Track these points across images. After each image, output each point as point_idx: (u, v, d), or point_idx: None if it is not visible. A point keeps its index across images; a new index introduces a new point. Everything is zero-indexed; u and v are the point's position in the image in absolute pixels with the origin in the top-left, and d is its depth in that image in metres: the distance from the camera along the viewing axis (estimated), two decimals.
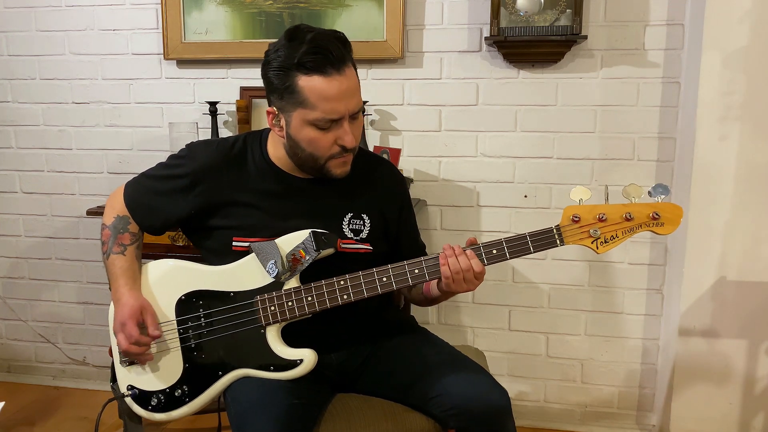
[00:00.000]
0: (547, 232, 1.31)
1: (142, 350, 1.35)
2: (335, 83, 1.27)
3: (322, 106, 1.27)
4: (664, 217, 1.29)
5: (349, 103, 1.30)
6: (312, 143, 1.32)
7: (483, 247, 1.31)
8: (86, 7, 2.42)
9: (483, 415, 1.29)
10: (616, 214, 1.30)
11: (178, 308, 1.38)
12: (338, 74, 1.27)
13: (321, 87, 1.26)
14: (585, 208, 1.31)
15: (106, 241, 1.44)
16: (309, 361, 1.31)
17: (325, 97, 1.27)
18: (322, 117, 1.28)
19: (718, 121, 1.97)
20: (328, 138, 1.31)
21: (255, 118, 2.30)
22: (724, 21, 1.92)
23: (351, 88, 1.30)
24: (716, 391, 2.11)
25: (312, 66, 1.26)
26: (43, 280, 2.67)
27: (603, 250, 1.31)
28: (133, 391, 1.40)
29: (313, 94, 1.27)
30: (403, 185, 1.59)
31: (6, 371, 2.78)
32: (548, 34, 2.08)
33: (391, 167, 1.59)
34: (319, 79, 1.26)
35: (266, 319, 1.34)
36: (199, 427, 2.32)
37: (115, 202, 1.48)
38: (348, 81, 1.29)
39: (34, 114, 2.55)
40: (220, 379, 1.35)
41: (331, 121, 1.29)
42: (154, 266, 1.43)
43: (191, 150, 1.45)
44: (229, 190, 1.40)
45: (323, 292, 1.33)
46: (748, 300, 2.04)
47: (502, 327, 2.37)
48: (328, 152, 1.33)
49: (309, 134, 1.31)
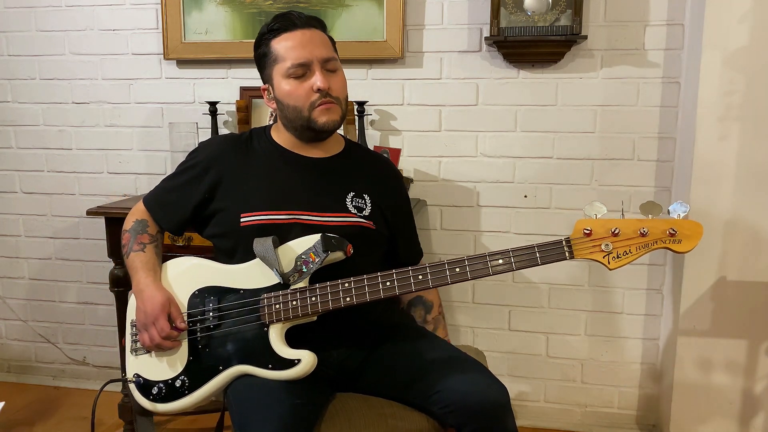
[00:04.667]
0: (555, 244, 1.28)
1: (174, 344, 1.39)
2: (298, 34, 1.42)
3: (290, 55, 1.41)
4: (682, 233, 1.23)
5: (315, 50, 1.41)
6: (291, 94, 1.42)
7: (489, 257, 1.30)
8: (86, 7, 2.42)
9: (482, 411, 1.29)
10: (630, 229, 1.25)
11: (190, 302, 1.42)
12: (301, 30, 1.42)
13: (286, 39, 1.42)
14: (598, 221, 1.26)
15: (127, 243, 1.51)
16: (307, 362, 1.31)
17: (290, 46, 1.41)
18: (292, 63, 1.40)
19: (718, 120, 1.97)
20: (304, 86, 1.41)
21: (255, 118, 2.30)
22: (724, 21, 1.92)
23: (315, 39, 1.43)
24: (716, 391, 2.11)
25: (278, 27, 1.43)
26: (43, 280, 2.67)
27: (615, 266, 1.25)
28: (138, 379, 1.42)
29: (281, 47, 1.42)
30: (400, 181, 1.66)
31: (6, 371, 2.78)
32: (548, 34, 2.08)
33: (390, 164, 1.68)
34: (286, 34, 1.43)
35: (269, 317, 1.35)
36: (199, 427, 2.32)
37: (136, 210, 1.57)
38: (312, 33, 1.43)
39: (34, 114, 2.55)
40: (219, 374, 1.36)
41: (301, 67, 1.40)
42: (175, 263, 1.48)
43: (201, 144, 1.58)
44: (238, 170, 1.47)
45: (327, 293, 1.34)
46: (748, 300, 2.04)
47: (502, 327, 2.37)
48: (308, 100, 1.41)
49: (287, 87, 1.42)
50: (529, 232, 2.28)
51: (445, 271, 1.32)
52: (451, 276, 1.32)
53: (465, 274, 1.31)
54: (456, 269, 1.31)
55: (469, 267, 1.31)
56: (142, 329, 1.41)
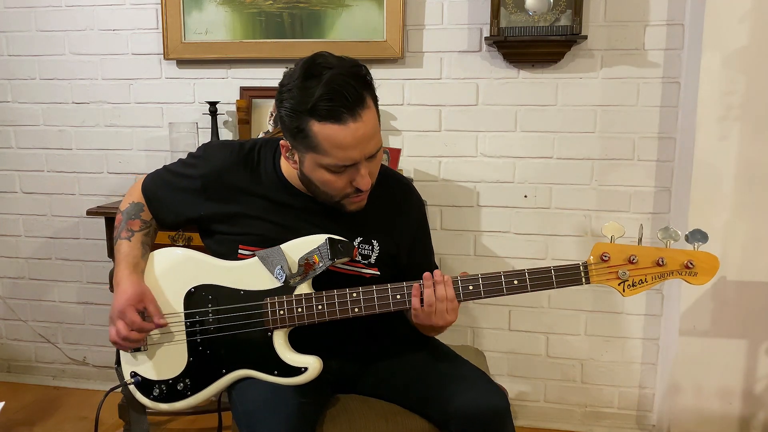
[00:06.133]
0: (573, 269, 1.28)
1: (141, 336, 1.34)
2: (350, 131, 1.20)
3: (336, 154, 1.22)
4: (699, 266, 1.24)
5: (365, 148, 1.24)
6: (326, 184, 1.29)
7: (504, 276, 1.29)
8: (86, 7, 2.42)
9: (482, 419, 1.28)
10: (648, 258, 1.25)
11: (186, 300, 1.37)
12: (354, 121, 1.20)
13: (335, 135, 1.20)
14: (616, 247, 1.26)
15: (118, 225, 1.45)
16: (314, 369, 1.30)
17: (339, 145, 1.21)
18: (336, 163, 1.24)
19: (718, 121, 1.97)
20: (343, 180, 1.27)
21: (255, 119, 2.30)
22: (724, 21, 1.92)
23: (367, 134, 1.22)
24: (716, 391, 2.11)
25: (326, 114, 1.19)
26: (43, 280, 2.67)
27: (629, 294, 1.25)
28: (136, 378, 1.39)
29: (327, 141, 1.21)
30: (419, 210, 1.51)
31: (6, 371, 2.78)
32: (548, 34, 2.08)
33: (411, 191, 1.51)
34: (334, 127, 1.20)
35: (274, 322, 1.32)
36: (199, 427, 2.32)
37: (134, 190, 1.48)
38: (365, 127, 1.21)
39: (34, 114, 2.55)
40: (223, 377, 1.35)
41: (345, 167, 1.25)
42: (162, 254, 1.42)
43: (206, 151, 1.44)
44: (239, 197, 1.38)
45: (334, 303, 1.31)
46: (748, 300, 2.04)
47: (502, 327, 2.37)
48: (342, 192, 1.30)
49: (322, 176, 1.27)
50: (529, 232, 2.28)
51: (459, 288, 1.31)
52: (464, 294, 1.31)
53: (478, 292, 1.30)
54: (470, 287, 1.31)
55: (483, 286, 1.30)
56: (110, 323, 1.35)
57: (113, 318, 1.34)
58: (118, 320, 1.33)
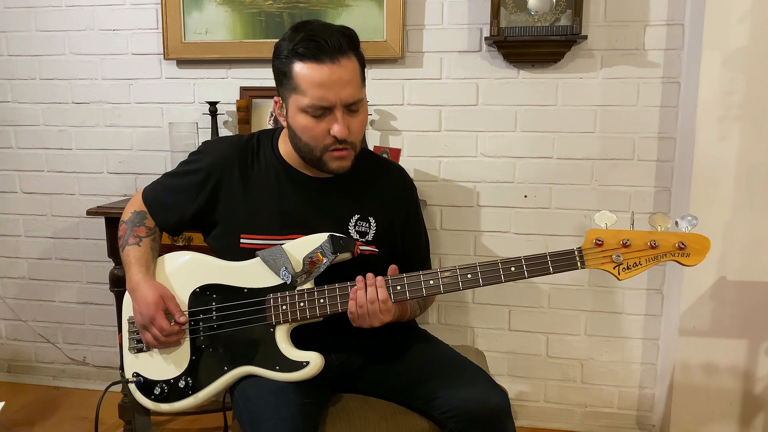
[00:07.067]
0: (568, 254, 1.28)
1: (175, 339, 1.37)
2: (326, 70, 1.27)
3: (312, 92, 1.28)
4: (691, 247, 1.25)
5: (341, 92, 1.28)
6: (305, 131, 1.32)
7: (501, 264, 1.30)
8: (86, 7, 2.42)
9: (482, 417, 1.29)
10: (640, 241, 1.26)
11: (191, 300, 1.39)
12: (331, 62, 1.27)
13: (312, 73, 1.27)
14: (609, 232, 1.27)
15: (123, 235, 1.47)
16: (315, 364, 1.31)
17: (315, 83, 1.27)
18: (312, 103, 1.28)
19: (718, 121, 1.97)
20: (321, 127, 1.31)
21: (255, 119, 2.30)
22: (724, 21, 1.92)
23: (344, 78, 1.28)
24: (716, 391, 2.11)
25: (305, 52, 1.27)
26: (43, 280, 2.67)
27: (624, 277, 1.27)
28: (138, 378, 1.40)
29: (305, 80, 1.28)
30: (412, 193, 1.56)
31: (6, 371, 2.78)
32: (548, 34, 2.08)
33: (402, 173, 1.56)
34: (312, 65, 1.27)
35: (276, 318, 1.33)
36: (199, 427, 2.32)
37: (134, 201, 1.52)
38: (341, 70, 1.28)
39: (34, 114, 2.55)
40: (225, 374, 1.35)
41: (322, 108, 1.29)
42: (171, 258, 1.45)
43: (206, 146, 1.50)
44: (241, 183, 1.41)
45: (336, 296, 1.33)
46: (748, 300, 2.04)
47: (502, 327, 2.37)
48: (322, 142, 1.32)
49: (302, 121, 1.31)
50: (529, 232, 2.28)
51: (457, 276, 1.30)
52: (463, 282, 1.30)
53: (477, 280, 1.30)
54: (468, 275, 1.30)
55: (481, 273, 1.30)
56: (142, 330, 1.39)
57: (144, 326, 1.37)
58: (152, 327, 1.36)
